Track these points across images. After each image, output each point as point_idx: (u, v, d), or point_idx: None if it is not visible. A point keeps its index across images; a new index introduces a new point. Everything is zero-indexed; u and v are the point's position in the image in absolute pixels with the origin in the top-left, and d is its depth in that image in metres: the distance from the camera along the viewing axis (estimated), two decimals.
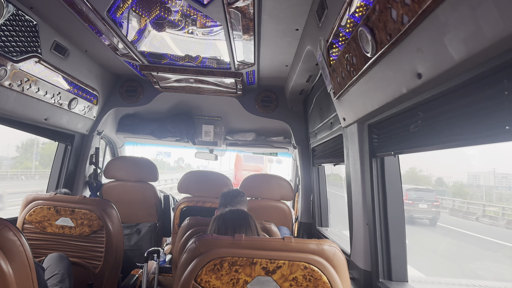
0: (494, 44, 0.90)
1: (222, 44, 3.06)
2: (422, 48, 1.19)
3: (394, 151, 1.79)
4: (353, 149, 2.28)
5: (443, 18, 1.03)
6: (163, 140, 5.25)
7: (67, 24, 2.86)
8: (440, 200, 23.64)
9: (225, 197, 2.84)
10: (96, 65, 3.93)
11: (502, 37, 0.87)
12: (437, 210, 20.96)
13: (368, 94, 1.79)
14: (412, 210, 20.43)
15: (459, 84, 1.18)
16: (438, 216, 20.98)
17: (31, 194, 2.93)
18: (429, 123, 1.43)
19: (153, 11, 2.59)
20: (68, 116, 3.72)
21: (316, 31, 2.34)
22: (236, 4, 2.25)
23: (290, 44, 3.05)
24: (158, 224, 4.41)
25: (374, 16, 1.38)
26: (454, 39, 1.02)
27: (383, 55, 1.44)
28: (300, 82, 3.73)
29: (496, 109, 1.03)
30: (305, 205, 4.51)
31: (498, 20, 0.86)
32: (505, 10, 0.83)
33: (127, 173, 4.31)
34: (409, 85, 1.35)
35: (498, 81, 1.01)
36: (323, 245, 1.66)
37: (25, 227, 2.86)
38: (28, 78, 2.86)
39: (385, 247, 2.04)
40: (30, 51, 2.75)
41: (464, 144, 1.22)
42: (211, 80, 4.03)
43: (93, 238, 2.87)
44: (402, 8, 1.18)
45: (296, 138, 4.66)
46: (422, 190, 22.61)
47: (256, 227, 1.86)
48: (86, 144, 4.41)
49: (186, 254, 1.69)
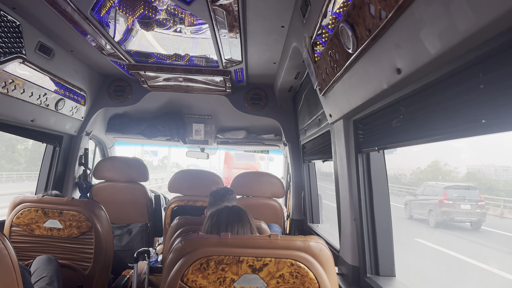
0: (468, 38, 0.91)
1: (210, 42, 3.05)
2: (400, 44, 1.19)
3: (378, 147, 1.79)
4: (339, 145, 2.28)
5: (418, 13, 1.04)
6: (153, 140, 5.23)
7: (51, 24, 2.83)
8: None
9: (214, 196, 2.83)
10: (82, 65, 3.89)
11: (474, 31, 0.87)
12: (482, 212, 16.96)
13: (352, 90, 1.80)
14: (453, 212, 16.73)
15: (437, 79, 1.18)
16: (484, 218, 17.00)
17: (18, 196, 2.90)
18: (411, 118, 1.44)
19: (137, 10, 2.57)
20: (56, 117, 3.68)
21: (300, 28, 2.34)
22: (220, 1, 2.24)
23: (276, 42, 3.04)
24: (150, 224, 4.40)
25: (354, 12, 1.38)
26: (429, 34, 1.03)
27: (364, 51, 1.44)
28: (289, 79, 3.73)
29: (473, 103, 1.04)
30: (296, 202, 4.52)
31: (470, 15, 0.86)
32: (476, 4, 0.84)
33: (117, 173, 4.29)
34: (390, 81, 1.35)
35: (474, 75, 1.02)
36: (309, 242, 1.67)
37: (13, 230, 2.84)
38: (12, 80, 2.83)
39: (372, 243, 2.05)
40: (14, 52, 2.72)
41: (444, 138, 1.22)
42: (200, 78, 4.01)
43: (82, 239, 2.85)
44: (379, 3, 1.18)
45: (286, 135, 4.67)
46: (463, 188, 18.84)
47: (250, 224, 1.86)
48: (74, 145, 4.38)
49: (172, 254, 1.69)
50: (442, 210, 16.53)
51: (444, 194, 16.81)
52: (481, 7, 0.83)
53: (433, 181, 23.70)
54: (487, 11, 0.82)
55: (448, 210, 16.58)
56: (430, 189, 18.19)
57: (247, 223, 1.84)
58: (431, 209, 16.98)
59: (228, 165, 20.44)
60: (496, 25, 0.83)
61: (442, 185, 18.04)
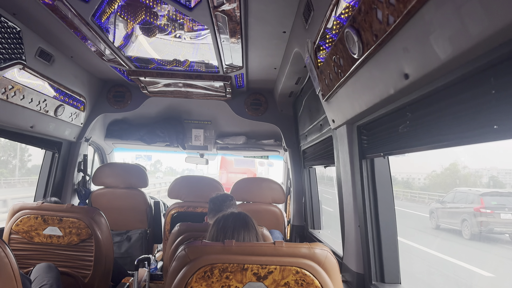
0: (480, 43, 0.90)
1: (210, 47, 3.04)
2: (408, 48, 1.18)
3: (384, 152, 1.78)
4: (342, 150, 2.27)
5: (428, 17, 1.03)
6: (153, 146, 5.21)
7: (51, 30, 2.82)
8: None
9: (213, 202, 2.82)
10: (82, 71, 3.88)
11: (487, 35, 0.86)
12: None
13: (356, 96, 1.78)
14: (492, 222, 14.56)
15: (446, 84, 1.17)
16: None
17: (17, 203, 2.87)
18: (418, 124, 1.43)
19: (139, 16, 2.56)
20: (55, 123, 3.66)
21: (303, 33, 2.34)
22: (222, 7, 2.24)
23: (278, 47, 3.04)
24: (149, 230, 4.37)
25: (360, 17, 1.37)
26: (439, 38, 1.02)
27: (370, 56, 1.43)
28: (289, 85, 3.72)
29: (484, 108, 1.03)
30: (297, 207, 4.49)
31: (483, 18, 0.85)
32: (490, 7, 0.82)
33: (116, 179, 4.26)
34: (396, 86, 1.34)
35: (485, 80, 1.00)
36: (314, 249, 1.65)
37: (12, 238, 2.81)
38: (12, 86, 2.81)
39: (377, 249, 2.03)
40: (14, 58, 2.70)
41: (453, 144, 1.21)
42: (200, 84, 4.00)
43: (82, 246, 2.82)
44: (387, 8, 1.17)
45: (287, 140, 4.66)
46: (503, 194, 16.72)
47: (256, 231, 1.84)
48: (74, 151, 4.35)
49: (175, 262, 1.66)
50: (478, 220, 14.83)
51: (480, 201, 14.92)
52: (495, 11, 0.82)
53: (453, 186, 22.41)
54: (500, 15, 0.81)
55: (486, 220, 14.52)
56: (462, 195, 16.36)
57: (253, 229, 1.82)
58: (465, 219, 15.30)
59: (225, 170, 20.18)
60: (509, 30, 0.82)
61: (476, 191, 16.11)
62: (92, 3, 2.28)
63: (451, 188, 19.42)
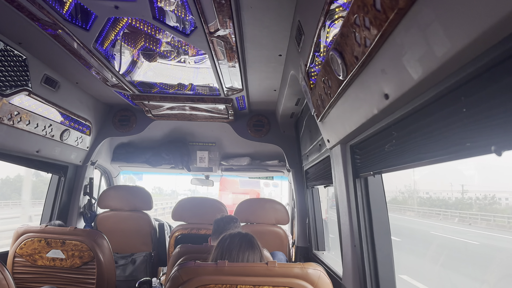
0: (446, 63, 0.93)
1: (210, 71, 3.12)
2: (385, 70, 1.22)
3: (374, 171, 1.79)
4: (338, 170, 2.28)
5: (399, 39, 1.07)
6: (158, 168, 5.26)
7: (56, 58, 2.93)
8: None
9: (218, 223, 2.83)
10: (87, 96, 3.99)
11: (451, 55, 0.89)
12: None
13: (346, 116, 1.82)
14: None
15: (423, 103, 1.20)
16: None
17: (22, 226, 2.93)
18: (402, 142, 1.45)
19: (139, 43, 2.66)
20: (61, 147, 3.75)
21: (296, 56, 2.40)
22: (218, 33, 2.31)
23: (275, 69, 3.10)
24: (153, 253, 4.37)
25: (342, 40, 1.42)
26: (411, 59, 1.05)
27: (354, 78, 1.47)
28: (290, 106, 3.77)
29: (457, 126, 1.05)
30: (301, 228, 4.47)
31: (445, 40, 0.88)
32: (450, 29, 0.86)
33: (121, 202, 4.30)
34: (379, 106, 1.37)
35: (457, 99, 1.03)
36: (307, 269, 1.65)
37: (16, 261, 2.85)
38: (18, 112, 2.90)
39: (373, 269, 2.01)
40: (20, 85, 2.80)
41: (432, 162, 1.23)
42: (203, 106, 4.08)
43: (84, 269, 2.84)
44: (363, 31, 1.21)
45: (290, 161, 4.68)
46: None
47: (261, 252, 1.85)
48: (80, 175, 4.42)
49: (169, 283, 1.68)
50: None
51: None
52: (455, 32, 0.85)
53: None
54: (461, 36, 0.84)
55: None
56: None
57: (258, 251, 1.83)
58: None
59: (223, 190, 19.24)
60: (471, 49, 0.85)
61: None
62: (93, 31, 2.37)
63: None
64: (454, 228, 23.00)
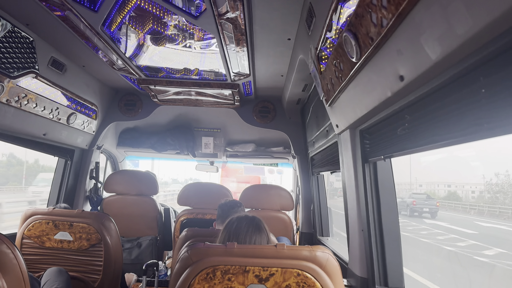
0: (467, 42, 0.91)
1: (217, 56, 3.10)
2: (402, 50, 1.20)
3: (384, 155, 1.79)
4: (346, 155, 2.28)
5: (418, 18, 1.05)
6: (163, 153, 5.27)
7: (63, 40, 2.91)
8: None
9: (222, 208, 2.85)
10: (94, 80, 3.97)
11: (472, 34, 0.88)
12: None
13: (357, 100, 1.80)
14: None
15: (440, 84, 1.18)
16: None
17: (29, 209, 2.95)
18: (415, 125, 1.44)
19: (147, 25, 2.63)
20: (67, 131, 3.75)
21: (306, 39, 2.37)
22: (227, 15, 2.29)
23: (283, 54, 3.08)
24: (159, 237, 4.40)
25: (356, 21, 1.40)
26: (429, 39, 1.04)
27: (367, 60, 1.45)
28: (296, 92, 3.75)
29: (475, 107, 1.04)
30: (305, 215, 4.49)
31: (467, 18, 0.87)
32: (473, 7, 0.84)
33: (127, 187, 4.32)
34: (393, 88, 1.36)
35: (475, 79, 1.02)
36: (315, 251, 1.65)
37: (24, 242, 2.87)
38: (25, 94, 2.90)
39: (381, 254, 2.02)
40: (27, 67, 2.79)
41: (449, 144, 1.22)
42: (209, 92, 4.06)
43: (92, 251, 2.87)
44: (380, 11, 1.19)
45: (295, 147, 4.67)
46: None
47: (267, 236, 1.86)
48: (86, 159, 4.44)
49: (179, 263, 1.69)
50: None
51: None
52: (478, 10, 0.84)
53: None
54: (484, 13, 0.83)
55: None
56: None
57: (265, 234, 1.84)
58: None
59: (224, 177, 19.07)
60: (493, 28, 0.83)
61: None
62: (101, 12, 2.35)
63: None
64: None
